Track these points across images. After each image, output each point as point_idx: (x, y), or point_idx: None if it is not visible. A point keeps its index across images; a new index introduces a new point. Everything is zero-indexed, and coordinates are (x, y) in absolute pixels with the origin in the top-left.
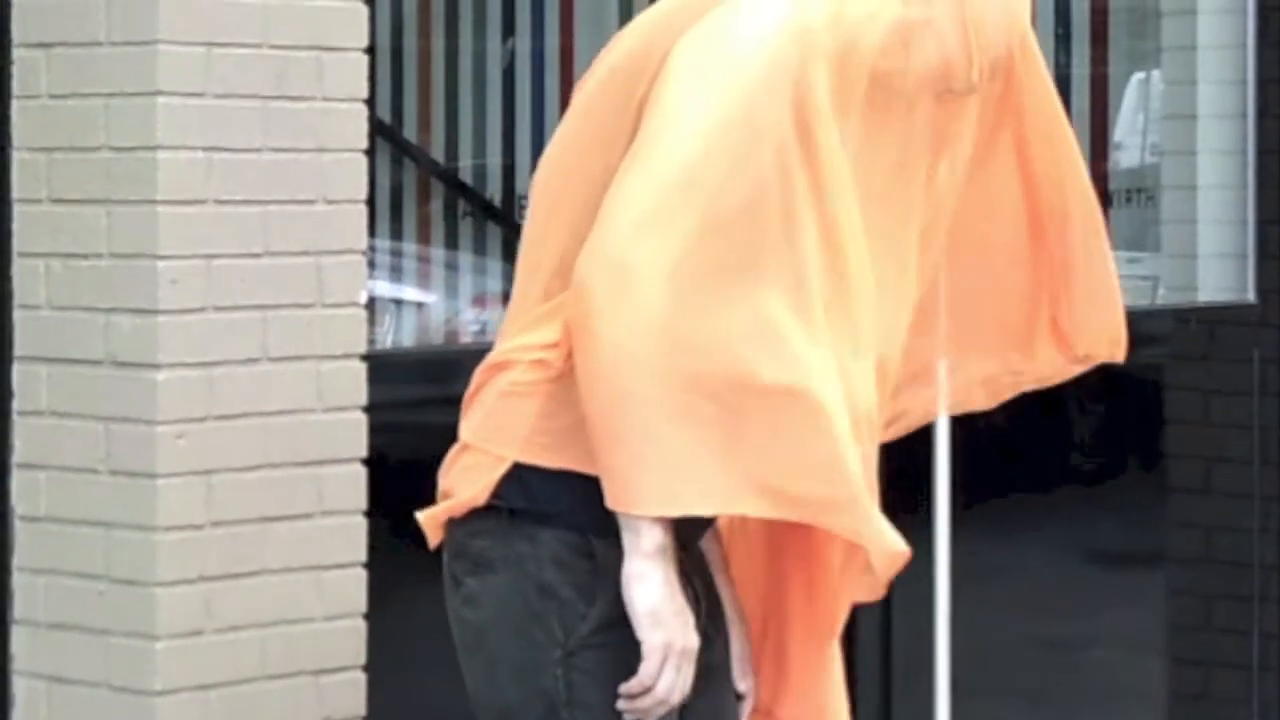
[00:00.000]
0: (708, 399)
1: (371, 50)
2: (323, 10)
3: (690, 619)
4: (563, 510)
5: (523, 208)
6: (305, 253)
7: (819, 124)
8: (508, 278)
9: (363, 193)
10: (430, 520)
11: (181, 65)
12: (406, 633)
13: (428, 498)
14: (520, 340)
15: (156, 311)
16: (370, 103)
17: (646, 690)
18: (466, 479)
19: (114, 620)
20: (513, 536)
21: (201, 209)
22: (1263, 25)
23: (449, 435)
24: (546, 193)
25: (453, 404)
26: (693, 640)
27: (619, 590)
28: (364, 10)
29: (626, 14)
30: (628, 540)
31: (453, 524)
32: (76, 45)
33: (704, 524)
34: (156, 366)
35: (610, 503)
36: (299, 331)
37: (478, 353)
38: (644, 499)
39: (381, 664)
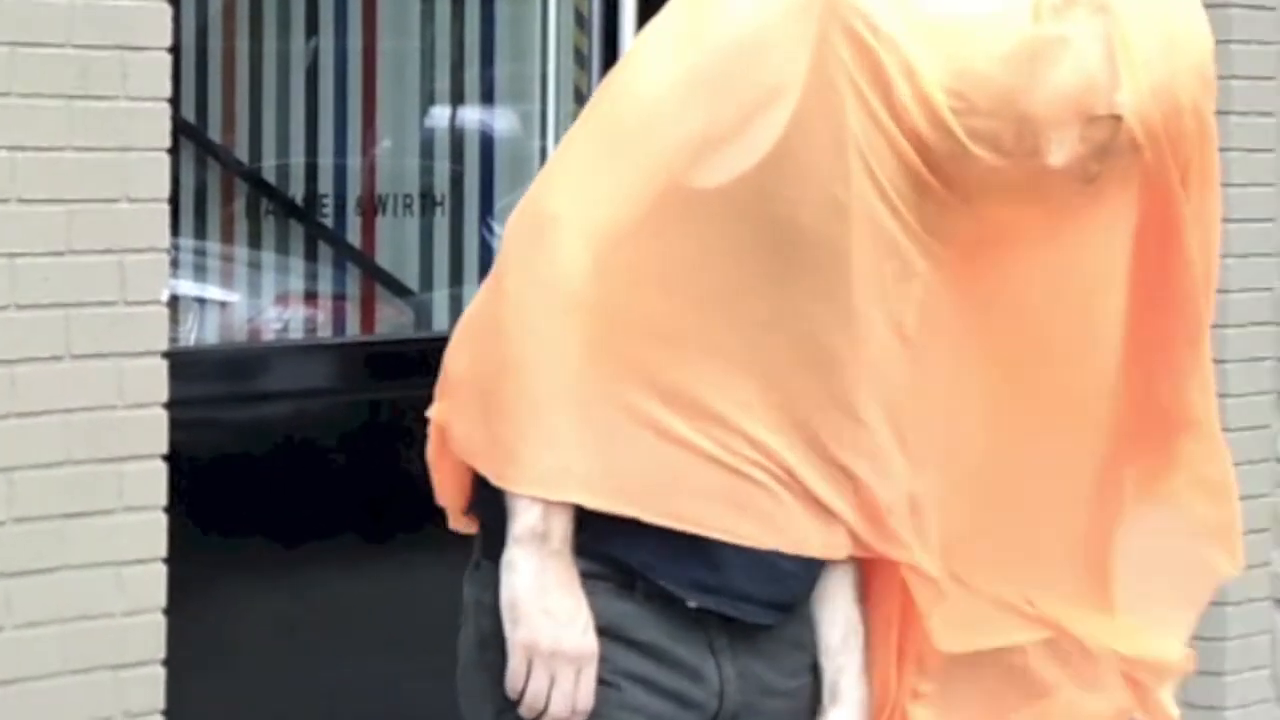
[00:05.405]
0: (633, 388)
1: (175, 50)
2: (126, 10)
3: (577, 620)
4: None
5: (324, 207)
6: (108, 251)
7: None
8: (310, 276)
9: (165, 191)
10: None
11: None
12: (206, 627)
13: (227, 493)
14: None
15: None
16: (174, 102)
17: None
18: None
19: None
20: (470, 576)
21: (5, 208)
22: None
23: (250, 431)
24: None
25: (254, 400)
26: (567, 643)
27: None
28: (168, 10)
29: (430, 16)
30: (509, 524)
31: None
32: None
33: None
34: None
35: (492, 479)
36: (101, 329)
37: (280, 350)
38: (517, 475)
39: (180, 658)
